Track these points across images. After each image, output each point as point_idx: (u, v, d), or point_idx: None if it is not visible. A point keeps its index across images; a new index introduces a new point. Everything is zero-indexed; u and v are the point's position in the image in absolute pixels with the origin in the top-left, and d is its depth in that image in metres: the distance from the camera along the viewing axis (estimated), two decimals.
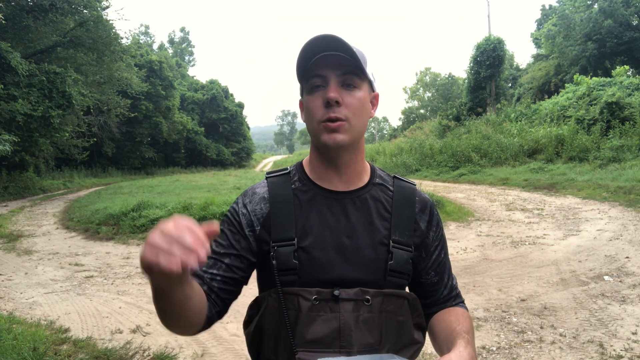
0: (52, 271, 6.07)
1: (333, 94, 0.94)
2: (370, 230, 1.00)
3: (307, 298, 0.94)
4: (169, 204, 9.10)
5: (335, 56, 0.94)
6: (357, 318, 0.93)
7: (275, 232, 0.99)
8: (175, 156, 39.26)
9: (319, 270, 0.96)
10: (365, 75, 0.98)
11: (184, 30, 65.09)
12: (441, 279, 1.11)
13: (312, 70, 0.96)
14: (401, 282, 1.01)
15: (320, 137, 0.97)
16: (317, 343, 0.92)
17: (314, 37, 0.94)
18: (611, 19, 24.18)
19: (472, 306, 4.24)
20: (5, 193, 16.05)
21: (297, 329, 0.93)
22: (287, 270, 0.96)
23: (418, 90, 60.65)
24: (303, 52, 0.95)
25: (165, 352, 3.44)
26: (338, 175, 1.03)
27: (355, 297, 0.94)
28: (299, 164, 1.09)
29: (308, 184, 1.04)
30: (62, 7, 15.91)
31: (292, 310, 0.94)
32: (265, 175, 1.09)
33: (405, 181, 1.11)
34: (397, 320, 0.99)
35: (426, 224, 1.08)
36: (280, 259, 0.96)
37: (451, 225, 8.34)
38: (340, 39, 0.93)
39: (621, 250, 5.88)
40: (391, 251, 1.00)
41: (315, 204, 1.01)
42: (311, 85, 0.98)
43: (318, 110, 0.96)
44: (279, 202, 1.02)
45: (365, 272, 0.97)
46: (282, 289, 0.95)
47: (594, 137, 15.38)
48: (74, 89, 15.47)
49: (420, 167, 21.13)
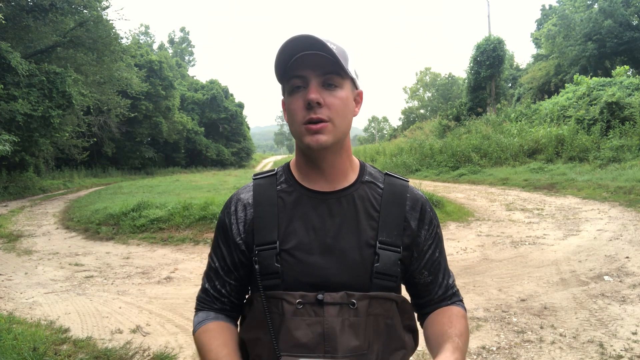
0: (52, 271, 6.06)
1: (314, 95, 0.92)
2: (356, 231, 0.98)
3: (290, 302, 0.92)
4: (169, 204, 9.09)
5: (315, 55, 0.92)
6: (342, 322, 0.91)
7: (258, 235, 0.99)
8: (175, 156, 39.28)
9: (302, 274, 0.95)
10: (347, 74, 0.95)
11: (184, 30, 65.12)
12: (435, 279, 1.08)
13: (291, 70, 0.94)
14: (388, 285, 0.98)
15: (303, 139, 0.95)
16: (301, 348, 0.90)
17: (290, 38, 0.92)
18: (611, 19, 24.18)
19: (472, 306, 4.24)
20: (5, 193, 16.05)
21: (281, 333, 0.92)
22: (270, 274, 0.95)
23: (418, 90, 60.65)
24: (281, 53, 0.93)
25: (165, 352, 3.44)
26: (323, 176, 1.01)
27: (341, 301, 0.92)
28: (286, 165, 1.08)
29: (294, 185, 1.02)
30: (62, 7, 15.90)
31: (275, 314, 0.93)
32: (252, 176, 1.09)
33: (398, 178, 1.08)
34: (385, 323, 0.96)
35: (417, 222, 1.03)
36: (262, 262, 0.96)
37: (451, 225, 8.34)
38: (317, 38, 0.91)
39: (621, 250, 5.88)
40: (377, 253, 0.97)
41: (300, 205, 1.00)
42: (291, 86, 0.95)
43: (299, 112, 0.94)
44: (263, 205, 1.01)
45: (350, 274, 0.95)
46: (265, 292, 0.94)
47: (594, 137, 15.37)
48: (74, 89, 15.47)
49: (420, 167, 21.13)
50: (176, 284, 5.34)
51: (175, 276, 5.67)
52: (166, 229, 8.14)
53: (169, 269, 6.02)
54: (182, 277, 5.63)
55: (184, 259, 6.53)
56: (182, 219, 8.29)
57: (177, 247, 7.30)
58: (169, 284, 5.36)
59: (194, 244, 7.42)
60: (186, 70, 54.05)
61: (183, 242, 7.54)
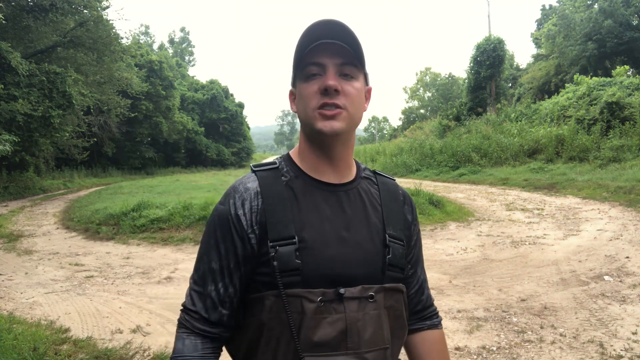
0: (52, 271, 6.06)
1: (332, 81, 0.91)
2: (366, 223, 0.98)
3: (311, 300, 0.88)
4: (169, 204, 9.09)
5: (333, 44, 0.91)
6: (363, 317, 0.90)
7: (273, 230, 0.91)
8: (176, 156, 39.29)
9: (322, 267, 0.91)
10: (364, 67, 0.96)
11: (184, 30, 65.19)
12: (415, 273, 1.10)
13: (309, 57, 0.93)
14: (398, 276, 0.98)
15: (315, 124, 0.93)
16: (323, 347, 0.87)
17: (317, 22, 0.91)
18: (611, 19, 24.17)
19: (472, 306, 4.24)
20: (6, 193, 16.05)
21: (301, 332, 0.87)
22: (290, 271, 0.89)
23: (418, 90, 60.64)
24: (304, 37, 0.92)
25: (166, 352, 3.44)
26: (331, 167, 0.99)
27: (360, 295, 0.91)
28: (287, 156, 1.04)
29: (301, 176, 0.98)
30: (62, 7, 15.89)
31: (295, 314, 0.88)
32: (251, 168, 1.01)
33: (386, 176, 1.11)
34: (395, 315, 0.97)
35: (411, 216, 1.08)
36: (281, 259, 0.89)
37: (451, 225, 8.34)
38: (345, 26, 0.91)
39: (621, 250, 5.88)
40: (388, 245, 0.97)
41: (311, 196, 0.96)
42: (307, 73, 0.94)
43: (313, 97, 0.92)
44: (273, 197, 0.94)
45: (366, 267, 0.94)
46: (285, 291, 0.88)
47: (594, 137, 15.37)
48: (74, 89, 15.47)
49: (420, 167, 21.14)
50: (176, 284, 5.34)
51: (176, 276, 5.68)
52: (166, 229, 8.14)
53: (169, 269, 6.02)
54: (182, 277, 5.63)
55: (184, 259, 6.53)
56: (182, 219, 8.29)
57: (177, 247, 7.30)
58: (169, 284, 5.37)
59: (194, 244, 7.41)
60: (186, 70, 54.04)
61: (183, 242, 7.54)
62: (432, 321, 1.13)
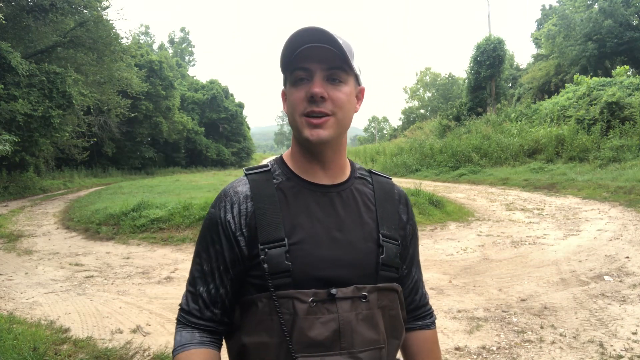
0: (52, 271, 6.06)
1: (318, 89, 0.91)
2: (359, 223, 0.98)
3: (303, 301, 0.89)
4: (169, 204, 9.09)
5: (321, 48, 0.91)
6: (356, 317, 0.90)
7: (263, 233, 0.93)
8: (176, 156, 39.30)
9: (313, 268, 0.91)
10: (352, 70, 0.95)
11: (184, 30, 65.15)
12: (410, 272, 1.10)
13: (296, 62, 0.93)
14: (392, 276, 0.98)
15: (302, 132, 0.94)
16: (317, 347, 0.88)
17: (299, 29, 0.91)
18: (611, 19, 24.18)
19: (472, 306, 4.24)
20: (6, 193, 16.05)
21: (294, 333, 0.88)
22: (280, 273, 0.90)
23: (418, 90, 60.66)
24: (289, 43, 0.92)
25: (166, 352, 3.44)
26: (323, 169, 1.00)
27: (352, 295, 0.91)
28: (279, 159, 1.05)
29: (293, 178, 1.00)
30: (62, 7, 15.90)
31: (287, 315, 0.89)
32: (244, 171, 1.03)
33: (381, 175, 1.10)
34: (390, 314, 0.97)
35: (406, 216, 1.07)
36: (271, 261, 0.90)
37: (451, 225, 8.34)
38: (326, 31, 0.90)
39: (621, 250, 5.88)
40: (382, 245, 0.97)
41: (302, 198, 0.97)
42: (295, 78, 0.94)
43: (300, 104, 0.93)
44: (264, 200, 0.96)
45: (359, 267, 0.94)
46: (276, 292, 0.89)
47: (594, 137, 15.37)
48: (74, 89, 15.46)
49: (420, 167, 21.14)
50: (176, 284, 5.34)
51: (176, 276, 5.68)
52: (166, 229, 8.14)
53: (169, 268, 6.03)
54: (182, 277, 5.63)
55: (184, 259, 6.53)
56: (182, 219, 8.29)
57: (177, 247, 7.30)
58: (169, 284, 5.37)
59: (194, 244, 7.39)
60: (186, 70, 54.05)
61: (183, 242, 7.54)
62: (424, 321, 1.14)
